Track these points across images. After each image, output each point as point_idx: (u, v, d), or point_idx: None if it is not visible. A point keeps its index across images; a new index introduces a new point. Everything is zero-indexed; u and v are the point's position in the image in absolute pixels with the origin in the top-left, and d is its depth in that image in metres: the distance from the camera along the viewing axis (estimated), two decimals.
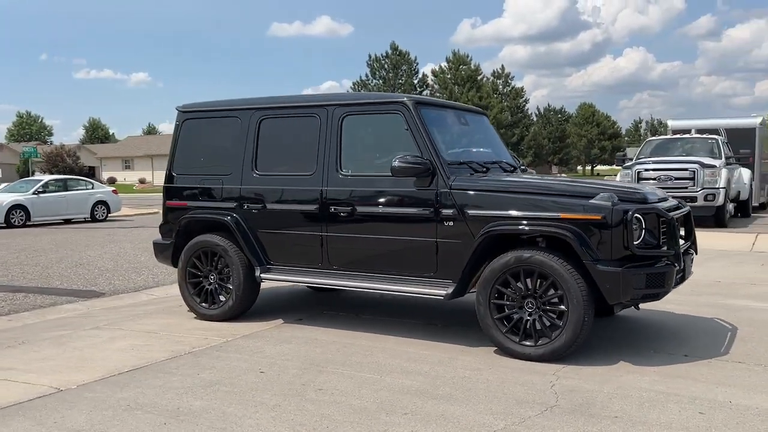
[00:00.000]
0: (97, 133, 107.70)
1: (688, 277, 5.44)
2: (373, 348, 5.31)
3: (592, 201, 4.82)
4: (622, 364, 4.82)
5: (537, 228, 4.91)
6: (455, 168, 5.40)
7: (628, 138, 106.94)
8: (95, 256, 11.95)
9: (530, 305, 4.92)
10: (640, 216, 4.78)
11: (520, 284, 4.93)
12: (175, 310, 6.98)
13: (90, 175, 52.10)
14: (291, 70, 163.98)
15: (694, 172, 14.14)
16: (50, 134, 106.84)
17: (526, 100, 66.79)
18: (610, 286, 4.68)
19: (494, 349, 5.18)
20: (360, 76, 65.37)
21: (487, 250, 5.13)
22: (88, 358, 5.20)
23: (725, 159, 15.25)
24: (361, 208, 5.59)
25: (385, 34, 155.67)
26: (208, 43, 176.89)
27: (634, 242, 4.71)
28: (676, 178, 14.19)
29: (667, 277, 4.85)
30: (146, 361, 5.03)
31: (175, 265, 6.61)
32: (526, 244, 5.12)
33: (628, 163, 15.31)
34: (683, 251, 5.21)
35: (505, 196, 5.10)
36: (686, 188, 14.07)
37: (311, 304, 7.12)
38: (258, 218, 6.10)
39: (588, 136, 79.59)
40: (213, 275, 6.33)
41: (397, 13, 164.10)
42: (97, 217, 21.42)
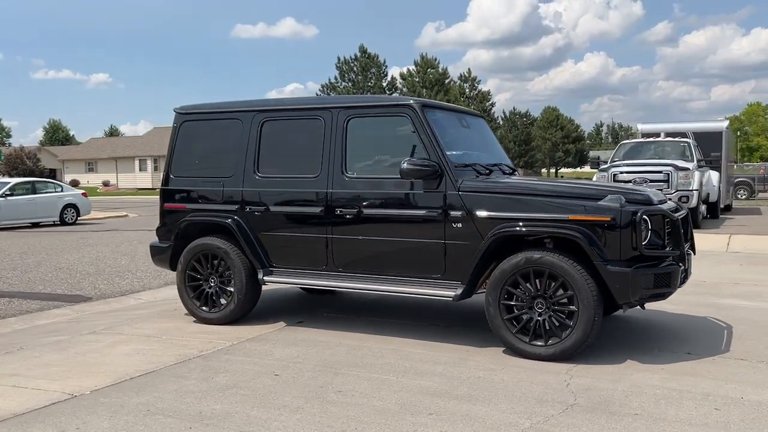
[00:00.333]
0: (57, 135, 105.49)
1: (689, 277, 5.58)
2: (382, 350, 5.32)
3: (601, 203, 4.92)
4: (630, 363, 4.92)
5: (547, 229, 4.99)
6: (461, 170, 5.45)
7: (590, 141, 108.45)
8: (74, 260, 11.72)
9: (540, 306, 4.98)
10: (646, 217, 4.89)
11: (530, 285, 5.00)
12: (171, 314, 6.90)
13: (51, 177, 50.89)
14: (255, 72, 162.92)
15: (669, 174, 14.46)
16: (8, 136, 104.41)
17: (493, 104, 67.33)
18: (620, 286, 4.78)
19: (503, 349, 5.24)
20: (328, 79, 65.38)
21: (494, 252, 5.19)
22: (93, 363, 5.11)
23: (697, 162, 15.62)
24: (368, 210, 5.61)
25: (350, 37, 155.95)
26: (171, 44, 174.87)
27: (642, 243, 4.82)
28: (651, 181, 14.47)
29: (673, 276, 4.97)
30: (155, 366, 4.97)
31: (173, 268, 6.53)
32: (532, 246, 5.20)
33: (604, 166, 15.58)
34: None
35: (514, 198, 5.17)
36: (661, 190, 14.34)
37: (309, 307, 7.10)
38: (260, 221, 6.06)
39: (552, 140, 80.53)
40: (213, 278, 6.27)
41: (362, 16, 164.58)
42: (67, 220, 20.98)
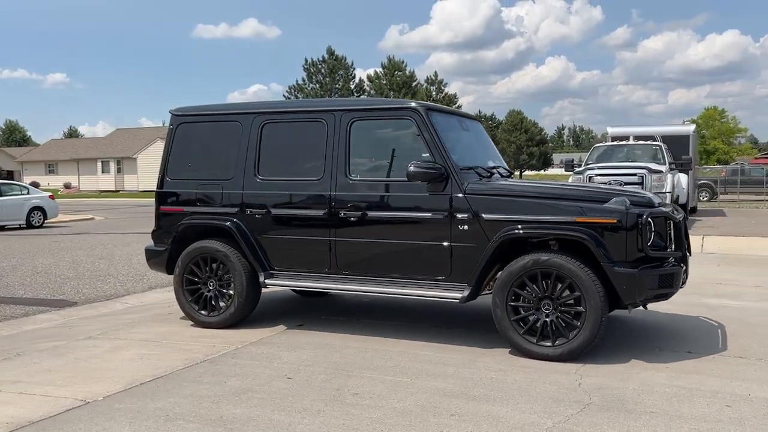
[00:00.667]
0: (14, 136, 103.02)
1: (688, 278, 5.71)
2: (389, 352, 5.34)
3: (607, 205, 5.01)
4: (635, 362, 5.02)
5: (554, 231, 5.06)
6: (465, 173, 5.50)
7: (552, 144, 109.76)
8: (50, 264, 11.48)
9: (547, 307, 5.05)
10: (651, 219, 5.00)
11: (537, 286, 5.06)
12: (166, 318, 6.81)
13: (9, 179, 49.67)
14: (217, 73, 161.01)
15: (643, 177, 14.73)
16: None
17: (459, 107, 67.80)
18: (627, 287, 4.88)
19: (508, 350, 5.29)
20: (296, 80, 64.92)
21: (500, 254, 5.25)
22: (97, 368, 5.02)
23: (669, 165, 15.96)
24: (372, 213, 5.62)
25: (313, 38, 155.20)
26: (130, 44, 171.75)
27: (648, 244, 4.92)
28: (626, 183, 14.72)
29: (676, 277, 5.09)
30: (163, 371, 4.90)
31: (170, 272, 6.45)
32: (536, 248, 5.27)
33: (579, 168, 15.82)
34: None
35: (521, 200, 5.23)
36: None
37: (307, 310, 7.07)
38: (261, 223, 6.03)
39: (517, 143, 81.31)
40: (212, 282, 6.21)
41: (325, 18, 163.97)
42: (33, 223, 20.52)
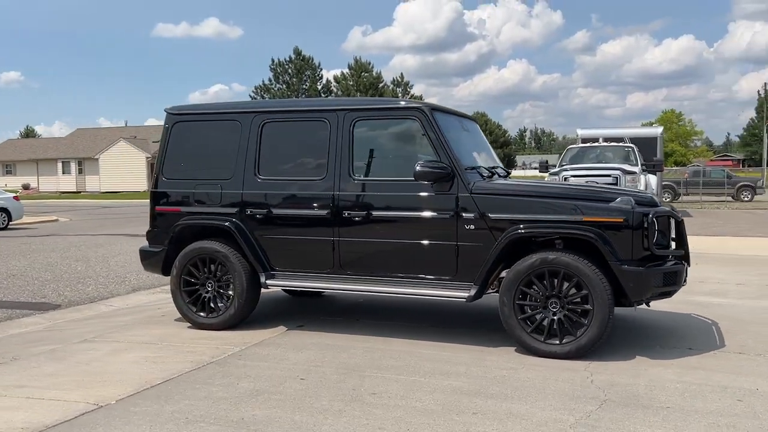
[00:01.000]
0: None
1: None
2: (396, 351, 5.33)
3: (613, 204, 5.09)
4: (640, 359, 5.10)
5: (562, 230, 5.12)
6: (469, 173, 5.53)
7: (514, 146, 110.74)
8: (24, 267, 11.19)
9: (554, 305, 5.11)
10: (656, 218, 5.09)
11: (545, 285, 5.11)
12: (160, 321, 6.70)
13: None
14: (178, 72, 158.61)
15: (617, 177, 14.97)
16: None
17: None
18: (634, 285, 4.96)
19: (514, 348, 5.34)
20: (262, 81, 64.39)
21: (506, 253, 5.29)
22: (102, 372, 4.92)
23: (641, 166, 16.26)
24: (377, 213, 5.61)
25: (275, 38, 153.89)
26: (88, 42, 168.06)
27: (653, 243, 5.01)
28: (601, 184, 14.96)
29: (679, 275, 5.20)
30: (171, 373, 4.82)
31: (166, 273, 6.35)
32: (540, 247, 5.32)
33: (555, 169, 16.01)
34: None
35: (528, 199, 5.27)
36: None
37: (305, 311, 7.01)
38: (262, 223, 5.97)
39: None
40: (211, 283, 6.13)
41: (287, 18, 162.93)
42: None
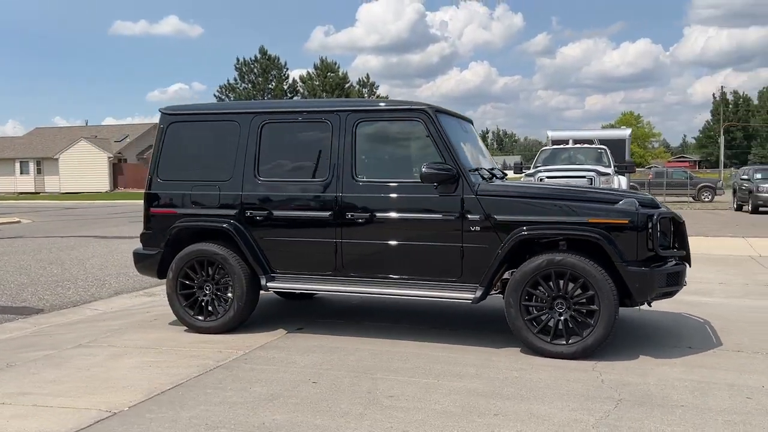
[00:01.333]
0: None
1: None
2: (403, 353, 5.31)
3: (618, 206, 5.16)
4: (644, 358, 5.17)
5: (568, 232, 5.17)
6: (473, 174, 5.54)
7: None
8: None
9: (560, 306, 5.15)
10: (659, 219, 5.16)
11: (551, 286, 5.15)
12: (152, 324, 6.57)
13: None
14: (136, 70, 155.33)
15: (592, 179, 15.18)
16: None
17: None
18: (640, 285, 5.03)
19: (518, 348, 5.37)
20: (227, 80, 63.63)
21: (512, 255, 5.32)
22: (105, 378, 4.80)
23: (614, 167, 16.52)
24: (381, 214, 5.58)
25: (237, 38, 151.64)
26: (43, 39, 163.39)
27: (658, 244, 5.09)
28: (575, 185, 15.15)
29: (681, 275, 5.30)
30: (179, 379, 4.73)
31: (161, 276, 6.23)
32: (544, 248, 5.37)
33: (530, 171, 16.17)
34: None
35: (533, 201, 5.31)
36: None
37: (300, 313, 6.94)
38: (262, 225, 5.90)
39: None
40: (209, 286, 6.04)
41: (249, 17, 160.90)
42: None
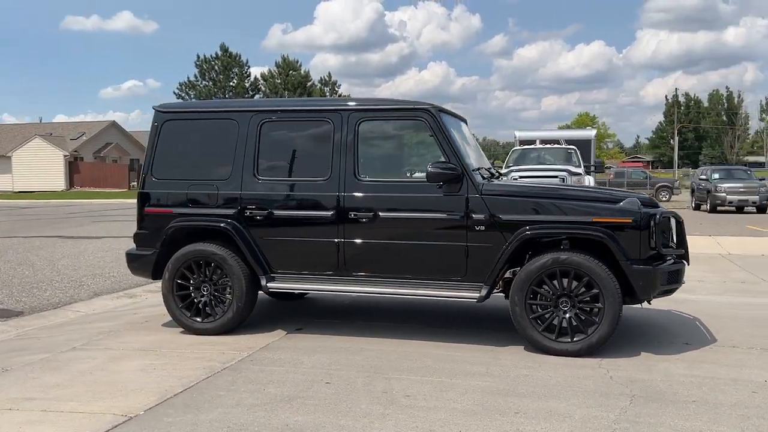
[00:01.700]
0: None
1: None
2: (409, 353, 5.32)
3: (621, 205, 5.25)
4: (646, 355, 5.28)
5: (572, 231, 5.23)
6: (475, 174, 5.58)
7: None
8: None
9: (565, 304, 5.22)
10: (661, 219, 5.27)
11: (556, 284, 5.22)
12: (144, 326, 6.44)
13: None
14: (89, 66, 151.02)
15: (564, 178, 15.42)
16: None
17: None
18: (643, 284, 5.13)
19: (522, 347, 5.42)
20: (187, 77, 62.57)
21: (517, 254, 5.37)
22: (111, 381, 4.69)
23: (584, 167, 16.80)
24: (384, 214, 5.57)
25: (193, 34, 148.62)
26: None
27: (660, 243, 5.19)
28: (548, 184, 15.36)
29: (681, 273, 5.42)
30: (188, 381, 4.65)
31: (156, 277, 6.12)
32: (546, 247, 5.43)
33: (504, 170, 16.34)
34: None
35: (538, 201, 5.37)
36: None
37: (297, 313, 6.87)
38: (262, 225, 5.83)
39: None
40: (206, 287, 5.94)
41: (204, 14, 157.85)
42: None
